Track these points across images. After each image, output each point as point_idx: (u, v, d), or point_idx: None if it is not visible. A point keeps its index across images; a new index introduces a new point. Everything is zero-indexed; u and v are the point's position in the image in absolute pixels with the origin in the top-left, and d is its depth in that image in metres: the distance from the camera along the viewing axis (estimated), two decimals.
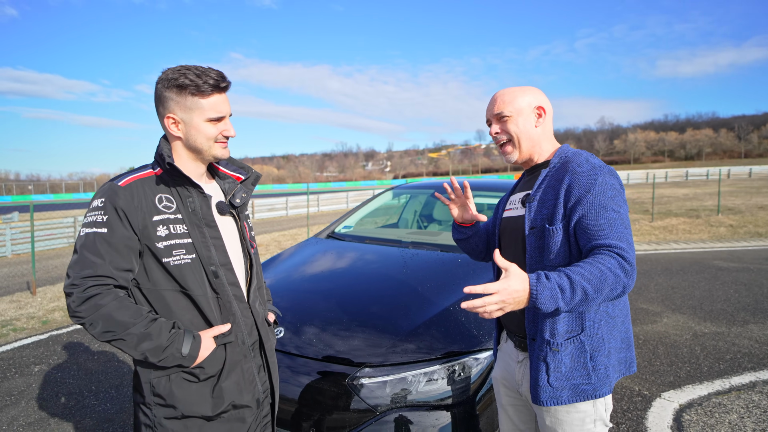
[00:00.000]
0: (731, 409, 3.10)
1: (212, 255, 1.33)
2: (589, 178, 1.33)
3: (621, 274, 1.21)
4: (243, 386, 1.37)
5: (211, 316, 1.32)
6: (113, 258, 1.21)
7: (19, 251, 13.76)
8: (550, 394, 1.37)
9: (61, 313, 5.49)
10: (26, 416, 3.01)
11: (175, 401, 1.28)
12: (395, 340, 1.97)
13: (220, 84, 1.30)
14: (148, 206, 1.26)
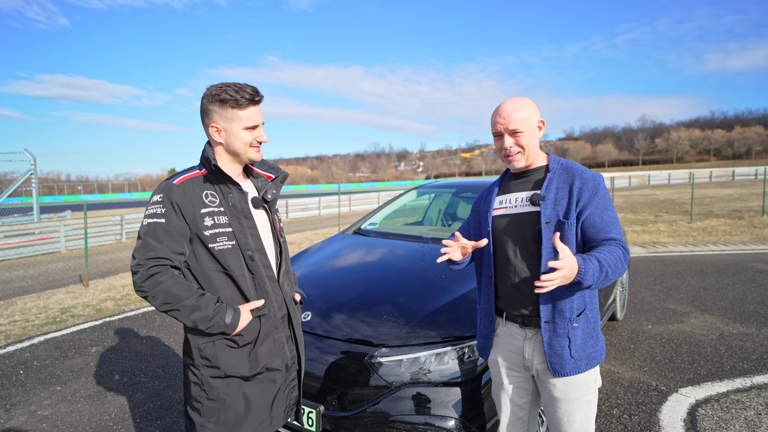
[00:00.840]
0: (749, 406, 3.12)
1: (249, 242, 1.57)
2: (594, 183, 1.61)
3: (624, 262, 1.50)
4: (274, 352, 1.61)
5: (248, 292, 1.57)
6: (170, 243, 1.46)
7: (71, 247, 14.73)
8: (573, 366, 1.59)
9: (112, 302, 5.97)
10: (86, 389, 3.38)
11: (219, 363, 1.53)
12: (410, 325, 2.18)
13: (254, 98, 1.55)
14: (197, 201, 1.51)
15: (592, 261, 1.43)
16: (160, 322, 5.04)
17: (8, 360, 3.98)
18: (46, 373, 3.68)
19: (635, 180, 40.95)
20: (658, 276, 7.15)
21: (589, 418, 1.67)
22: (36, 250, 13.92)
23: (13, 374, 3.68)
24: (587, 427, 1.67)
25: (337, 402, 2.10)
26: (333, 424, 2.09)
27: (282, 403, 1.67)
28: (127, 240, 16.62)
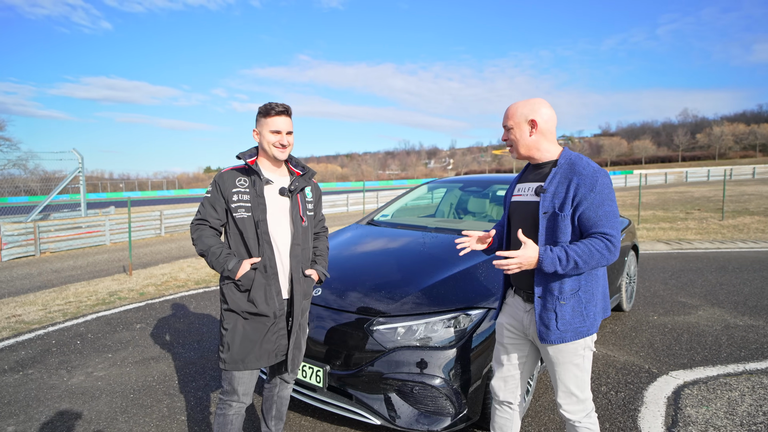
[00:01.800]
0: (735, 388, 3.30)
1: (258, 212, 2.08)
2: (592, 179, 1.80)
3: (606, 253, 1.75)
4: (267, 300, 2.07)
5: (253, 251, 2.09)
6: (210, 211, 2.12)
7: (115, 240, 15.73)
8: (557, 336, 1.85)
9: (153, 287, 6.55)
10: (133, 357, 3.88)
11: (228, 300, 2.09)
12: (405, 299, 2.52)
13: (277, 109, 2.10)
14: (231, 184, 2.10)
15: (555, 254, 1.73)
16: (195, 305, 5.55)
17: (67, 332, 4.56)
18: (98, 344, 4.22)
19: (672, 177, 39.68)
20: (676, 271, 7.17)
21: (580, 378, 1.91)
22: (84, 243, 14.96)
23: (72, 344, 4.24)
24: (580, 385, 1.92)
25: (341, 363, 2.47)
26: (337, 381, 2.46)
27: (269, 344, 2.10)
28: (165, 234, 17.56)
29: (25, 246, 13.24)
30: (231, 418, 2.09)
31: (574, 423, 1.93)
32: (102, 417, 2.91)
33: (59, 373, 3.58)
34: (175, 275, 7.55)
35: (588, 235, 1.79)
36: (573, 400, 1.91)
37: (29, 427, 2.81)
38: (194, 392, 3.24)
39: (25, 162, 49.62)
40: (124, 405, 3.06)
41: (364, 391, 2.39)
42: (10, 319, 5.03)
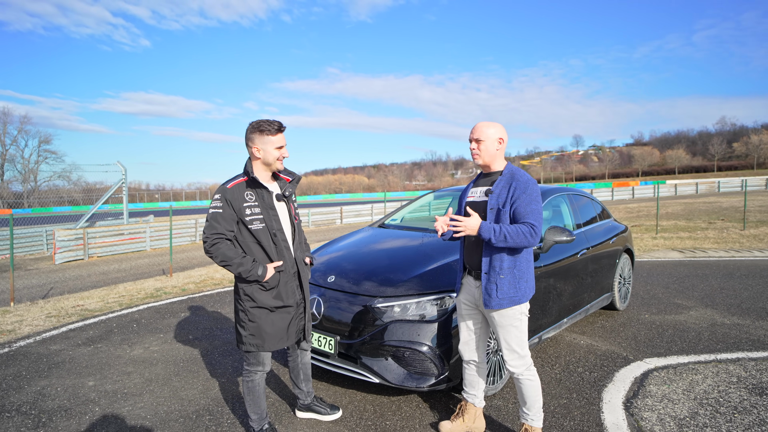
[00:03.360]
0: (700, 372, 3.71)
1: (273, 224, 2.50)
2: (525, 185, 2.43)
3: (528, 236, 2.34)
4: (289, 294, 2.55)
5: (272, 256, 2.51)
6: (225, 224, 2.38)
7: (155, 246, 16.85)
8: (497, 303, 2.44)
9: (193, 285, 7.34)
10: (179, 337, 4.60)
11: (255, 299, 2.48)
12: (401, 283, 3.12)
13: (280, 128, 2.48)
14: (241, 198, 2.40)
15: (492, 226, 2.33)
16: (229, 299, 6.27)
17: (124, 318, 5.34)
18: (151, 327, 4.97)
19: (703, 187, 38.76)
20: (682, 277, 7.42)
21: (520, 337, 2.49)
22: (126, 248, 16.13)
23: (130, 327, 5.00)
24: (520, 344, 2.50)
25: (348, 333, 3.08)
26: (345, 348, 3.06)
27: (294, 328, 2.63)
28: (200, 241, 18.64)
29: (76, 250, 14.44)
30: (257, 382, 2.60)
31: (517, 376, 2.49)
32: (160, 378, 3.61)
33: (122, 347, 4.33)
34: (211, 275, 8.33)
35: (519, 222, 2.39)
36: (515, 356, 2.46)
37: (104, 382, 3.53)
38: (231, 363, 3.90)
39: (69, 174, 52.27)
40: (176, 370, 3.76)
41: (366, 355, 2.98)
42: (76, 308, 5.87)
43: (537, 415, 2.53)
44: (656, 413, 3.04)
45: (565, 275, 4.10)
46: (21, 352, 4.24)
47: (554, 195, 4.59)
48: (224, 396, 3.29)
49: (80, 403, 3.20)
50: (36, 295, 8.21)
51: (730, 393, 3.33)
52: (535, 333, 3.72)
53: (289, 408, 3.12)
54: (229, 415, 3.01)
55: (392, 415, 3.02)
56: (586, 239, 4.62)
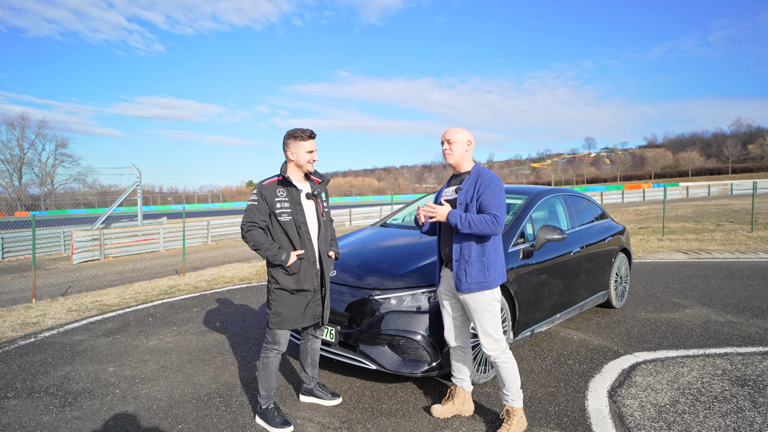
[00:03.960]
0: (686, 365, 3.87)
1: (299, 218, 2.84)
2: (490, 181, 2.70)
3: (491, 225, 2.58)
4: (308, 280, 2.85)
5: (297, 245, 2.84)
6: (259, 215, 2.78)
7: (168, 247, 17.26)
8: (466, 287, 2.68)
9: (205, 282, 7.63)
10: (192, 330, 4.87)
11: (279, 281, 2.82)
12: (396, 277, 3.34)
13: (311, 135, 2.85)
14: (273, 194, 2.81)
15: (459, 213, 2.62)
16: (239, 296, 6.54)
17: (141, 312, 5.63)
18: (165, 320, 5.25)
19: (716, 189, 38.36)
20: (683, 278, 7.51)
21: (494, 322, 2.72)
22: (140, 249, 16.56)
23: (145, 320, 5.29)
24: (495, 327, 2.72)
25: (348, 323, 3.30)
26: (345, 337, 3.29)
27: (310, 311, 2.90)
28: (212, 243, 19.03)
29: (92, 251, 14.89)
30: (272, 360, 2.89)
31: (494, 359, 2.71)
32: (174, 365, 3.87)
33: (139, 338, 4.61)
34: (222, 274, 8.63)
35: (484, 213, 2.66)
36: (491, 340, 2.69)
37: (123, 368, 3.81)
38: (240, 353, 4.15)
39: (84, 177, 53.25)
40: (189, 358, 4.02)
41: (364, 344, 3.21)
42: (95, 303, 6.18)
43: (516, 396, 2.74)
44: (638, 401, 3.22)
45: (557, 272, 4.28)
46: (46, 342, 4.54)
47: (549, 196, 4.77)
48: (233, 382, 3.54)
49: (102, 386, 3.47)
50: (56, 292, 8.58)
51: (713, 384, 3.49)
52: (528, 327, 3.92)
53: (294, 393, 3.35)
54: (237, 398, 3.26)
55: (388, 399, 3.24)
56: (581, 238, 4.79)
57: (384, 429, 2.84)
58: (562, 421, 2.94)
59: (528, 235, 4.08)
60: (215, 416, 3.00)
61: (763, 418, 2.97)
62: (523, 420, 2.76)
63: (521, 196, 4.52)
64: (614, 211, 25.97)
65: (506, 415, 2.75)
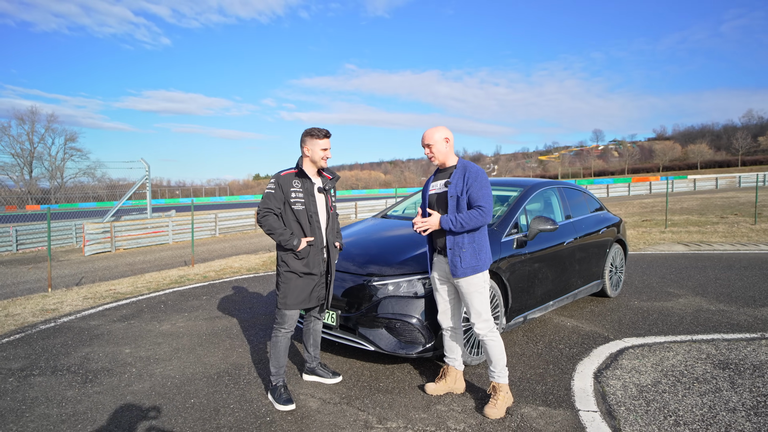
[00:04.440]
0: (672, 349, 4.04)
1: (311, 208, 3.06)
2: (476, 174, 2.91)
3: (480, 217, 2.79)
4: (315, 265, 3.08)
5: (307, 232, 3.06)
6: (275, 202, 3.00)
7: (177, 239, 17.59)
8: (461, 272, 2.88)
9: (213, 273, 7.89)
10: (202, 316, 5.11)
11: (289, 264, 3.05)
12: (393, 265, 3.54)
13: (327, 135, 3.06)
14: (289, 184, 3.03)
15: (449, 218, 2.83)
16: (247, 285, 6.79)
17: (153, 300, 5.90)
18: (177, 307, 5.51)
19: (723, 182, 38.13)
20: (680, 269, 7.63)
21: (483, 303, 2.93)
22: (150, 242, 16.91)
23: (158, 307, 5.55)
24: (484, 307, 2.94)
25: (348, 308, 3.52)
26: (345, 321, 3.50)
27: (316, 293, 3.13)
28: (219, 235, 19.34)
29: (103, 243, 15.24)
30: (280, 339, 3.11)
31: (482, 337, 2.92)
32: (185, 347, 4.12)
33: (152, 323, 4.87)
34: (230, 265, 8.89)
35: (472, 207, 2.88)
36: (480, 319, 2.90)
37: (138, 350, 4.06)
38: (248, 337, 4.39)
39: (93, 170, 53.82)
40: (199, 342, 4.26)
41: (363, 326, 3.42)
42: (109, 292, 6.46)
43: (502, 372, 2.95)
44: (622, 381, 3.40)
45: (550, 262, 4.46)
46: (65, 326, 4.81)
47: (544, 188, 4.94)
48: (241, 362, 3.77)
49: (119, 365, 3.72)
50: (70, 282, 8.89)
51: (695, 367, 3.67)
52: (520, 312, 4.11)
53: (297, 372, 3.58)
54: (245, 377, 3.49)
55: (385, 378, 3.45)
56: (575, 229, 4.96)
57: (380, 404, 3.05)
58: (547, 398, 3.13)
59: (522, 225, 4.26)
60: (224, 392, 3.23)
61: (739, 397, 3.15)
62: (509, 396, 2.97)
63: (516, 189, 4.69)
64: (620, 203, 25.96)
65: (493, 391, 2.96)
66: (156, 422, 2.82)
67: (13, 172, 55.80)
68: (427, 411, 2.97)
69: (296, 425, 2.79)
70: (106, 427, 2.77)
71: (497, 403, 2.89)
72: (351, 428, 2.75)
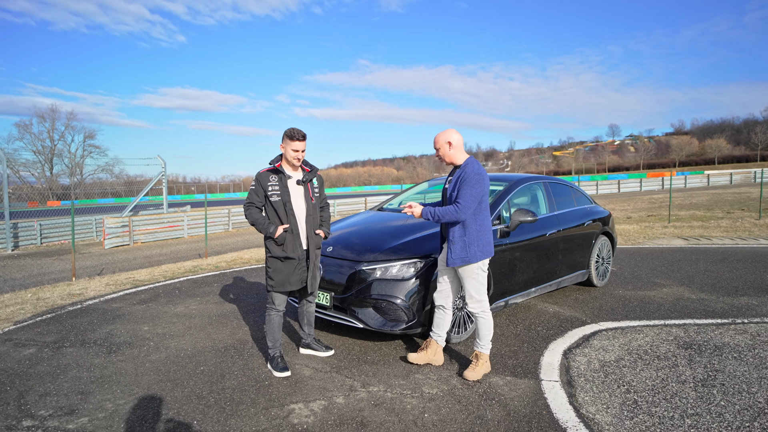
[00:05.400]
0: (643, 332, 4.36)
1: (285, 197, 3.44)
2: (467, 176, 3.26)
3: (454, 212, 3.18)
4: (294, 249, 3.45)
5: (284, 220, 3.43)
6: (255, 197, 3.42)
7: (192, 234, 18.22)
8: (452, 262, 3.28)
9: (225, 263, 8.38)
10: (213, 300, 5.58)
11: (271, 251, 3.44)
12: (381, 251, 3.93)
13: (301, 137, 3.41)
14: (267, 180, 3.42)
15: (428, 210, 3.24)
16: (255, 274, 7.24)
17: (168, 287, 6.39)
18: (190, 293, 5.99)
19: (738, 177, 37.64)
20: (673, 261, 7.85)
21: (477, 287, 3.31)
22: (166, 236, 17.55)
23: (173, 292, 6.04)
24: (478, 291, 3.32)
25: (340, 290, 3.92)
26: (338, 302, 3.91)
27: (296, 276, 3.49)
28: (232, 229, 19.94)
29: (122, 237, 15.91)
30: (273, 317, 3.53)
31: (475, 315, 3.34)
32: (197, 326, 4.58)
33: (167, 306, 5.35)
34: (241, 256, 9.38)
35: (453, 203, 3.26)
36: (474, 300, 3.31)
37: (155, 328, 4.53)
38: (253, 319, 4.83)
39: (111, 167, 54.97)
40: (209, 321, 4.72)
41: (354, 306, 3.82)
42: (128, 279, 6.98)
43: (486, 345, 3.37)
44: (587, 357, 3.76)
45: (532, 251, 4.80)
46: (90, 308, 5.32)
47: (529, 183, 5.27)
48: (246, 339, 4.21)
49: (139, 340, 4.19)
50: (92, 272, 9.47)
51: (660, 346, 3.99)
52: (502, 297, 4.46)
53: (295, 347, 4.00)
54: (249, 350, 3.92)
55: (373, 353, 3.86)
56: (558, 221, 5.29)
57: (366, 373, 3.46)
58: (516, 370, 3.50)
59: (505, 217, 4.61)
60: (230, 362, 3.67)
61: (693, 371, 3.48)
62: (487, 364, 3.38)
63: (502, 183, 5.04)
64: (629, 199, 25.95)
65: (475, 358, 3.38)
66: (170, 384, 3.27)
67: (34, 168, 57.39)
68: (406, 379, 3.36)
69: (290, 388, 3.21)
70: (128, 387, 3.23)
71: (476, 369, 3.30)
72: (338, 391, 3.17)
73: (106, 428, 2.69)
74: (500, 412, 2.88)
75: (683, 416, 2.84)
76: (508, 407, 2.94)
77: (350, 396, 3.09)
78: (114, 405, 2.97)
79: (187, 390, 3.18)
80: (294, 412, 2.87)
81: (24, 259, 13.16)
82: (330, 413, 2.86)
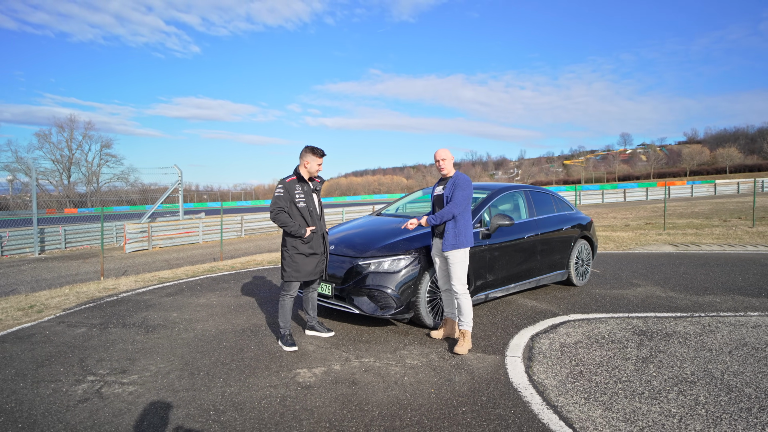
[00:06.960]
0: (605, 322, 4.97)
1: (309, 204, 4.15)
2: (460, 183, 4.09)
3: (450, 210, 3.97)
4: (317, 247, 4.16)
5: (309, 223, 4.14)
6: (283, 202, 4.09)
7: (207, 239, 19.08)
8: (445, 247, 4.03)
9: (239, 264, 9.13)
10: (230, 294, 6.31)
11: (298, 248, 4.11)
12: (375, 248, 4.63)
13: (323, 154, 4.16)
14: (293, 187, 4.13)
15: (431, 217, 4.02)
16: (268, 273, 7.97)
17: (190, 283, 7.15)
18: (209, 288, 6.74)
19: (745, 187, 37.70)
20: (656, 265, 8.35)
21: (461, 271, 4.04)
22: (182, 241, 18.44)
23: (195, 288, 6.79)
24: (461, 274, 4.04)
25: (340, 282, 4.62)
26: (339, 291, 4.61)
27: (318, 268, 4.22)
28: (245, 236, 20.79)
29: (142, 242, 16.80)
30: (286, 302, 4.23)
31: (458, 296, 4.06)
32: (218, 314, 5.31)
33: (191, 298, 6.09)
34: (254, 258, 10.13)
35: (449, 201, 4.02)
36: (459, 283, 4.05)
37: (183, 314, 5.26)
38: (266, 308, 5.54)
39: (127, 176, 56.43)
40: (228, 310, 5.45)
41: (351, 295, 4.51)
42: (154, 277, 7.75)
43: (468, 323, 4.08)
44: (550, 340, 4.39)
45: (511, 252, 5.45)
46: (125, 299, 6.08)
47: (510, 191, 5.94)
48: (260, 323, 4.92)
49: (170, 323, 4.93)
50: (117, 273, 10.29)
51: (617, 333, 4.60)
52: (482, 291, 5.11)
53: (301, 330, 4.71)
54: (263, 332, 4.63)
55: (368, 335, 4.54)
56: (537, 226, 5.94)
57: (360, 349, 4.15)
58: (486, 349, 4.16)
59: (486, 222, 5.28)
60: (247, 340, 4.39)
61: (638, 352, 4.09)
62: (470, 341, 4.10)
63: (484, 192, 5.72)
64: (633, 207, 26.33)
65: (462, 336, 4.09)
66: (200, 354, 3.99)
67: (53, 177, 59.18)
68: (393, 353, 4.04)
69: (297, 358, 3.91)
70: (166, 356, 3.96)
71: (463, 345, 4.03)
72: (335, 361, 3.86)
73: (153, 382, 3.42)
74: (466, 377, 3.54)
75: (617, 382, 3.47)
76: (473, 374, 3.60)
77: (345, 364, 3.78)
78: (156, 367, 3.70)
79: (213, 358, 3.89)
80: (300, 375, 3.57)
81: (51, 262, 14.09)
82: (328, 375, 3.56)
